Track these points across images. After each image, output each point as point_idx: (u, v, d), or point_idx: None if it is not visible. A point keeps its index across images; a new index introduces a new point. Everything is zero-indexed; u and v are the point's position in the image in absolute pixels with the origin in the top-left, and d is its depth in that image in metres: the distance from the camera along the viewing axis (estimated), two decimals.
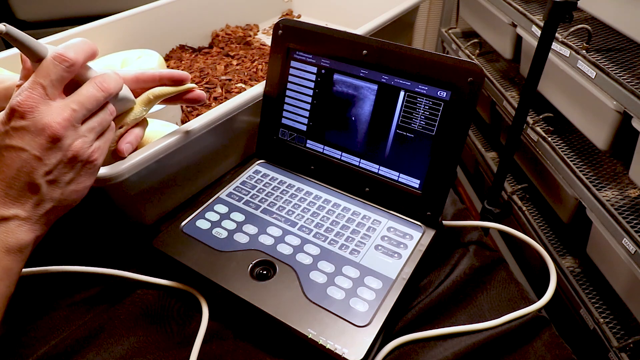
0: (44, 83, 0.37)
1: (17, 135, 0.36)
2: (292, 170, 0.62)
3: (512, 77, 1.36)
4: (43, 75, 0.37)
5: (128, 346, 0.46)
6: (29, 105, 0.36)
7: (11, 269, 0.37)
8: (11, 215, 0.37)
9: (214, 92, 0.79)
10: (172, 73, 0.48)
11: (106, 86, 0.41)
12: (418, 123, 0.54)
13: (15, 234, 0.37)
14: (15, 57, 0.71)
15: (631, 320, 0.91)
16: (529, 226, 1.17)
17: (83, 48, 0.39)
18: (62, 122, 0.37)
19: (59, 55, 0.38)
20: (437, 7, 1.84)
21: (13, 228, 0.37)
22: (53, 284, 0.52)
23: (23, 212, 0.38)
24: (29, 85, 0.37)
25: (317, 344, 0.43)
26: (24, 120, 0.36)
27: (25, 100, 0.36)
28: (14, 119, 0.36)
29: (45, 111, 0.37)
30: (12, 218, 0.37)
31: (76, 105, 0.38)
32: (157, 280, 0.51)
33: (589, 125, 0.97)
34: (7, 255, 0.37)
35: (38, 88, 0.37)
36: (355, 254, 0.51)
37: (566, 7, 0.78)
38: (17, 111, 0.36)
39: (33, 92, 0.37)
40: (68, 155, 0.38)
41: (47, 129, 0.37)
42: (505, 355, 0.46)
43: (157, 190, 0.56)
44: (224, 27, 1.05)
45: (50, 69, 0.37)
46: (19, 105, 0.36)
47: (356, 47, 0.55)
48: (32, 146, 0.37)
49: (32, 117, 0.36)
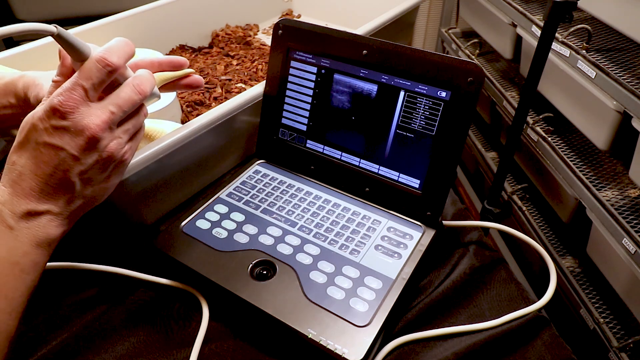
0: (85, 85, 0.37)
1: (57, 134, 0.37)
2: (292, 170, 0.62)
3: (512, 77, 1.36)
4: (85, 77, 0.38)
5: (128, 346, 0.46)
6: (70, 106, 0.37)
7: (38, 262, 0.38)
8: (44, 210, 0.38)
9: (214, 92, 0.79)
10: (171, 59, 0.49)
11: (143, 89, 0.41)
12: (418, 123, 0.54)
13: (46, 229, 0.38)
14: (15, 57, 0.71)
15: (631, 320, 0.91)
16: (529, 226, 1.17)
17: (125, 50, 0.40)
18: (101, 124, 0.38)
19: (102, 59, 0.38)
20: (437, 7, 1.84)
21: (45, 223, 0.38)
22: (53, 284, 0.52)
23: (56, 208, 0.38)
24: (71, 86, 0.37)
25: (317, 344, 0.43)
26: (64, 121, 0.37)
27: (66, 100, 0.37)
28: (55, 118, 0.37)
29: (85, 112, 0.37)
30: (45, 213, 0.38)
31: (115, 108, 0.39)
32: (157, 279, 0.51)
33: (589, 125, 0.97)
34: (36, 249, 0.38)
35: (79, 90, 0.37)
36: (355, 254, 0.51)
37: (566, 7, 0.78)
38: (59, 111, 0.37)
39: (74, 93, 0.37)
40: (103, 156, 0.39)
41: (87, 131, 0.37)
42: (505, 355, 0.46)
43: (157, 190, 0.56)
44: (224, 27, 1.05)
45: (92, 72, 0.38)
46: (60, 105, 0.37)
47: (356, 47, 0.55)
48: (71, 146, 0.37)
49: (73, 117, 0.37)
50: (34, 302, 0.50)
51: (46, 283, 0.52)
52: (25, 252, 0.37)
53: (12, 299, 0.37)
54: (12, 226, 0.37)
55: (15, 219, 0.37)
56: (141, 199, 0.55)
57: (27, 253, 0.37)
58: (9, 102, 0.48)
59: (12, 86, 0.48)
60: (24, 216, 0.37)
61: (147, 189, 0.54)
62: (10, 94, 0.48)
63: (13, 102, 0.48)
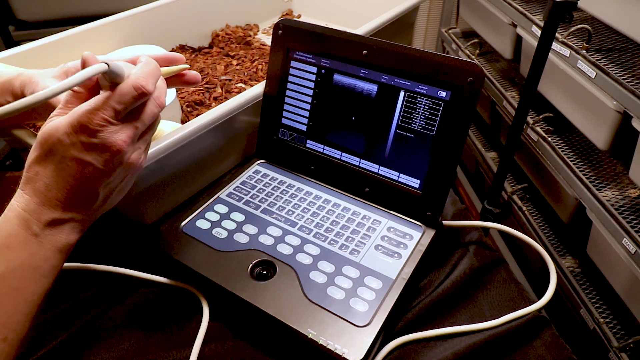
0: (118, 108, 0.38)
1: (85, 149, 0.38)
2: (292, 170, 0.62)
3: (512, 77, 1.36)
4: (119, 101, 0.38)
5: (128, 346, 0.46)
6: (101, 125, 0.38)
7: (57, 266, 0.39)
8: (68, 218, 0.39)
9: (214, 92, 0.79)
10: (167, 56, 0.49)
11: (162, 101, 0.42)
12: (418, 123, 0.54)
13: (68, 235, 0.39)
14: (15, 57, 0.71)
15: (631, 320, 0.91)
16: (529, 226, 1.17)
17: (156, 76, 0.41)
18: (127, 140, 0.39)
19: (140, 86, 0.39)
20: (437, 7, 1.84)
21: (68, 230, 0.39)
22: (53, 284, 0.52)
23: (79, 216, 0.40)
24: (102, 106, 0.38)
25: (317, 344, 0.43)
26: (94, 138, 0.38)
27: (97, 120, 0.37)
28: (84, 134, 0.37)
29: (113, 131, 0.38)
30: (69, 221, 0.39)
31: (140, 124, 0.40)
32: (158, 279, 0.51)
33: (589, 125, 0.96)
34: (57, 254, 0.39)
35: (110, 111, 0.38)
36: (355, 254, 0.51)
37: (566, 7, 0.78)
38: (88, 129, 0.37)
39: (105, 113, 0.38)
40: (126, 166, 0.41)
41: (114, 147, 0.38)
42: (505, 355, 0.46)
43: (157, 190, 0.56)
44: (224, 27, 1.05)
45: (127, 97, 0.38)
46: (90, 123, 0.37)
47: (356, 47, 0.55)
48: (99, 161, 0.38)
49: (102, 136, 0.38)
50: None
51: None
52: (47, 257, 0.38)
53: (30, 302, 0.38)
54: (38, 233, 0.37)
55: (41, 227, 0.38)
56: (141, 199, 0.55)
57: (49, 259, 0.38)
58: (6, 101, 0.48)
59: (9, 85, 0.48)
60: (49, 224, 0.38)
61: (147, 189, 0.54)
62: (7, 92, 0.48)
63: (10, 101, 0.48)
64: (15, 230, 0.37)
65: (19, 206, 0.37)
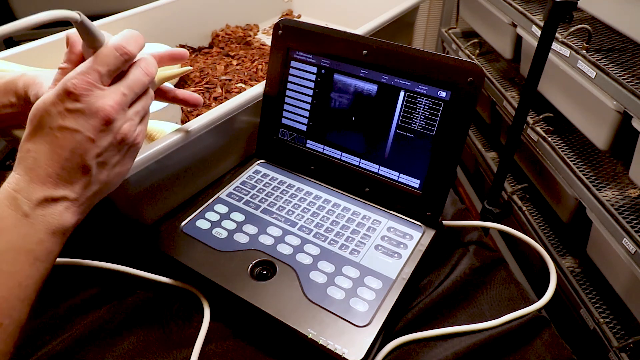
0: (101, 70, 0.38)
1: (72, 116, 0.37)
2: (292, 170, 0.62)
3: (512, 77, 1.36)
4: (102, 63, 0.38)
5: (128, 346, 0.46)
6: (85, 89, 0.37)
7: (52, 251, 0.38)
8: (60, 196, 0.38)
9: (214, 92, 0.79)
10: (170, 52, 0.49)
11: (151, 70, 0.42)
12: (418, 123, 0.54)
13: (62, 216, 0.38)
14: (15, 56, 0.71)
15: (631, 320, 0.91)
16: (529, 226, 1.17)
17: (138, 42, 0.41)
18: (115, 106, 0.38)
19: (121, 47, 0.39)
20: (437, 7, 1.84)
21: (61, 210, 0.38)
22: (53, 284, 0.52)
23: (72, 194, 0.38)
24: (86, 70, 0.37)
25: (317, 344, 0.43)
26: (79, 103, 0.37)
27: (81, 84, 0.37)
28: (69, 100, 0.37)
29: (99, 95, 0.38)
30: (61, 199, 0.38)
31: (126, 89, 0.40)
32: (159, 278, 0.51)
33: (589, 125, 0.97)
34: (51, 237, 0.37)
35: (94, 74, 0.38)
36: (355, 254, 0.51)
37: (566, 7, 0.78)
38: (73, 93, 0.37)
39: (89, 77, 0.37)
40: (118, 138, 0.39)
41: (101, 112, 0.37)
42: (505, 355, 0.46)
43: (157, 190, 0.56)
44: (224, 27, 1.05)
45: (110, 59, 0.38)
46: (74, 88, 0.37)
47: (356, 47, 0.55)
48: (86, 128, 0.37)
49: (87, 100, 0.37)
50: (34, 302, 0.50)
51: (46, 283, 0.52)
52: (41, 239, 0.37)
53: (25, 287, 0.37)
54: (28, 214, 0.36)
55: (31, 207, 0.36)
56: (141, 199, 0.55)
57: (42, 241, 0.37)
58: (10, 101, 0.48)
59: (13, 85, 0.48)
60: (40, 203, 0.37)
61: (147, 189, 0.54)
62: (10, 92, 0.48)
63: (13, 101, 0.48)
64: (5, 212, 0.36)
65: (9, 187, 0.36)
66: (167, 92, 0.51)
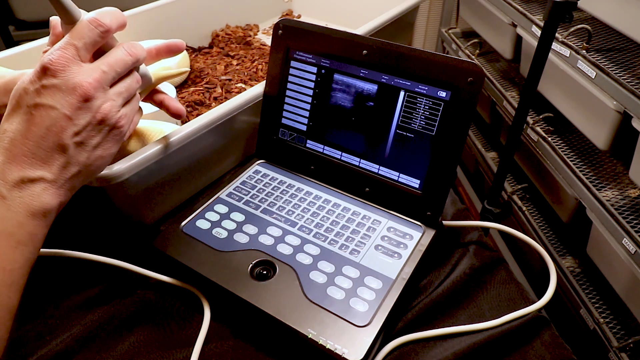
0: (77, 45, 0.37)
1: (48, 93, 0.36)
2: (292, 170, 0.62)
3: (512, 77, 1.36)
4: (77, 37, 0.37)
5: (128, 346, 0.46)
6: (61, 64, 0.36)
7: (35, 234, 0.37)
8: (37, 177, 0.37)
9: (214, 92, 0.79)
10: (167, 43, 0.49)
11: (134, 51, 0.41)
12: (418, 123, 0.54)
13: (40, 197, 0.37)
14: (15, 57, 0.71)
15: (631, 320, 0.91)
16: (529, 226, 1.17)
17: (116, 16, 0.40)
18: (93, 82, 0.37)
19: (95, 19, 0.38)
20: (437, 7, 1.84)
21: (39, 191, 0.37)
22: (53, 284, 0.52)
23: (49, 175, 0.37)
24: (62, 45, 0.37)
25: (317, 344, 0.43)
26: (55, 79, 0.36)
27: (57, 59, 0.36)
28: (45, 77, 0.36)
29: (76, 71, 0.37)
30: (38, 180, 0.37)
31: (106, 67, 0.39)
32: (161, 277, 0.51)
33: (589, 125, 0.97)
34: (32, 219, 0.37)
35: (71, 49, 0.37)
36: (355, 254, 0.51)
37: (566, 7, 0.78)
38: (49, 69, 0.36)
39: (66, 51, 0.37)
40: (97, 117, 0.38)
41: (78, 88, 0.37)
42: (505, 355, 0.46)
43: (157, 190, 0.56)
44: (224, 27, 1.05)
45: (85, 32, 0.38)
46: (50, 63, 0.36)
47: (356, 47, 0.55)
48: (63, 105, 0.36)
49: (64, 75, 0.36)
50: (33, 302, 0.50)
51: (46, 282, 0.52)
52: (20, 222, 0.36)
53: (10, 271, 0.36)
54: (4, 195, 0.35)
55: (8, 188, 0.35)
56: (141, 199, 0.55)
57: (22, 224, 0.36)
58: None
59: (13, 84, 0.47)
60: (16, 184, 0.36)
61: (147, 189, 0.54)
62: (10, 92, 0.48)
63: None
64: None
65: None
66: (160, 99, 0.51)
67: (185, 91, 0.79)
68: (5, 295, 0.36)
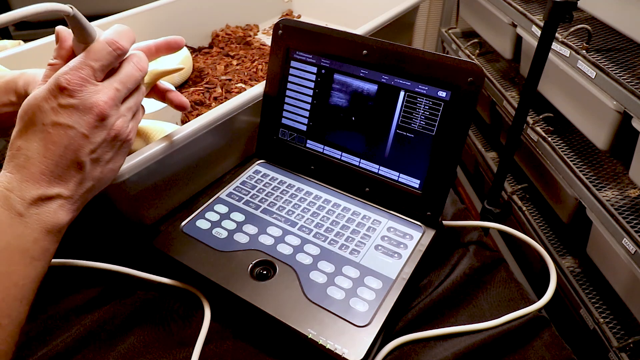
0: (94, 66, 0.38)
1: (66, 112, 0.37)
2: (292, 170, 0.62)
3: (512, 77, 1.36)
4: (94, 58, 0.38)
5: (128, 346, 0.46)
6: (79, 84, 0.37)
7: (48, 249, 0.38)
8: (55, 194, 0.37)
9: (214, 92, 0.79)
10: (167, 40, 0.49)
11: (143, 65, 0.42)
12: (418, 123, 0.54)
13: (56, 214, 0.37)
14: (15, 57, 0.71)
15: (631, 320, 0.91)
16: (529, 226, 1.17)
17: (129, 36, 0.41)
18: (109, 101, 0.38)
19: (113, 42, 0.39)
20: (437, 7, 1.84)
21: (55, 208, 0.37)
22: (53, 284, 0.52)
23: (66, 192, 0.38)
24: (78, 65, 0.37)
25: (317, 344, 0.43)
26: (72, 99, 0.36)
27: (75, 79, 0.37)
28: (62, 96, 0.36)
29: (92, 91, 0.37)
30: (56, 197, 0.37)
31: (119, 85, 0.39)
32: (159, 279, 0.51)
33: (589, 125, 0.97)
34: (47, 235, 0.37)
35: (87, 69, 0.37)
36: (355, 254, 0.51)
37: (566, 7, 0.78)
38: (67, 89, 0.36)
39: (82, 72, 0.37)
40: (111, 134, 0.39)
41: (95, 108, 0.37)
42: (505, 355, 0.46)
43: (157, 190, 0.56)
44: (224, 27, 1.05)
45: (102, 54, 0.38)
46: (68, 83, 0.36)
47: (356, 47, 0.55)
48: (80, 124, 0.37)
49: (81, 96, 0.37)
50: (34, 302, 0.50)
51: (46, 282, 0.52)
52: (36, 239, 0.36)
53: (22, 286, 0.36)
54: (22, 213, 0.36)
55: (25, 206, 0.36)
56: (141, 199, 0.55)
57: (38, 240, 0.37)
58: (10, 100, 0.48)
59: (13, 84, 0.47)
60: (34, 202, 0.36)
61: (147, 189, 0.54)
62: (10, 91, 0.48)
63: (14, 100, 0.48)
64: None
65: (1, 185, 0.36)
66: (164, 90, 0.51)
67: (185, 91, 0.79)
68: (16, 310, 0.36)
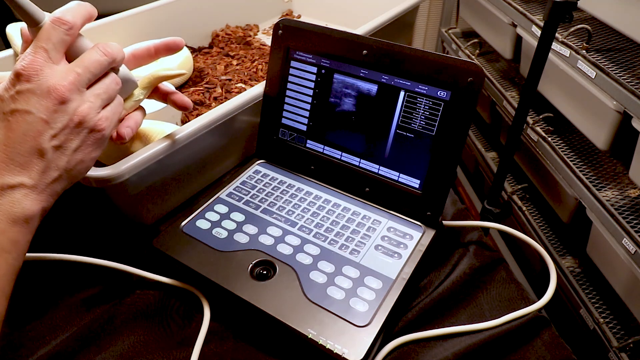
0: (46, 47, 0.37)
1: (23, 98, 0.36)
2: (292, 170, 0.62)
3: (512, 77, 1.36)
4: (44, 39, 0.37)
5: (128, 346, 0.46)
6: (34, 68, 0.36)
7: (18, 241, 0.37)
8: (17, 183, 0.36)
9: (214, 92, 0.79)
10: (166, 41, 0.48)
11: (110, 51, 0.41)
12: (418, 123, 0.54)
13: (21, 204, 0.36)
14: (14, 57, 0.71)
15: (631, 320, 0.91)
16: (529, 226, 1.17)
17: (79, 11, 0.39)
18: (68, 85, 0.37)
19: (57, 19, 0.38)
20: (437, 7, 1.84)
21: (19, 197, 0.36)
22: (53, 284, 0.52)
23: (29, 180, 0.37)
24: (32, 50, 0.37)
25: (317, 344, 0.43)
26: (29, 84, 0.36)
27: (29, 64, 0.36)
28: (19, 82, 0.36)
29: (50, 74, 0.37)
30: (18, 186, 0.36)
31: (80, 68, 0.38)
32: (161, 278, 0.51)
33: (589, 125, 0.97)
34: (13, 226, 0.36)
35: (41, 52, 0.37)
36: (355, 254, 0.51)
37: (566, 7, 0.78)
38: (22, 75, 0.36)
39: (36, 55, 0.37)
40: (75, 119, 0.38)
41: (53, 92, 0.37)
42: (505, 355, 0.46)
43: (157, 190, 0.56)
44: (224, 27, 1.05)
45: (50, 33, 0.38)
46: (23, 69, 0.36)
47: (356, 47, 0.55)
48: (38, 109, 0.36)
49: (37, 79, 0.36)
50: (34, 302, 0.50)
51: (46, 282, 0.52)
52: (2, 229, 0.36)
53: None
54: None
55: None
56: (141, 199, 0.55)
57: (4, 231, 0.36)
58: None
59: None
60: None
61: (147, 189, 0.54)
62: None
63: None
64: None
65: None
66: (165, 92, 0.51)
67: (185, 91, 0.79)
68: None
